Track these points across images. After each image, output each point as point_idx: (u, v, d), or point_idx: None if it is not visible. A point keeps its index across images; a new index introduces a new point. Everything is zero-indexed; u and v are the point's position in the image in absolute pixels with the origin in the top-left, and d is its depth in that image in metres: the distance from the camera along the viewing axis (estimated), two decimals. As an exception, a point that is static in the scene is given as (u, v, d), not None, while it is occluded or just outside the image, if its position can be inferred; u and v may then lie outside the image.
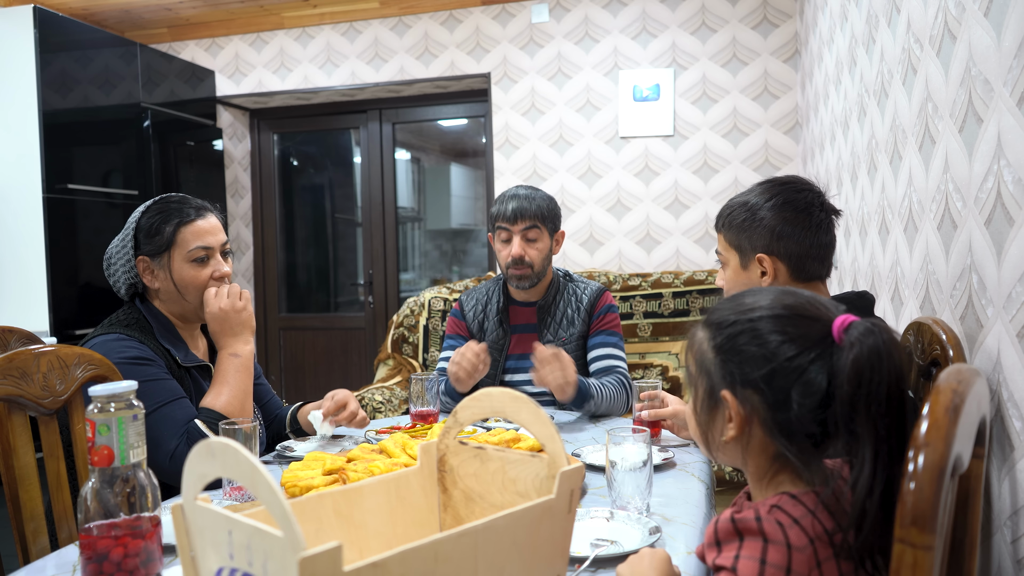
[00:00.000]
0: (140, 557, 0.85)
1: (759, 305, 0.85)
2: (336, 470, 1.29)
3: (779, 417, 0.81)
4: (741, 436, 0.84)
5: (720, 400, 0.85)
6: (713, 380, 0.86)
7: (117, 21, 4.21)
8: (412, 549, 0.66)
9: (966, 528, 0.91)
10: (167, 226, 1.62)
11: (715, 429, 0.87)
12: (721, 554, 0.80)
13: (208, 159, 4.40)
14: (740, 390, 0.83)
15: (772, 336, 0.82)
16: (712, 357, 0.86)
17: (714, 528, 0.82)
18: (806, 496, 0.80)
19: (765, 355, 0.81)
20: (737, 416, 0.84)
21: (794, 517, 0.78)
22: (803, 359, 0.80)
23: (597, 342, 2.12)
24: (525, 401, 0.87)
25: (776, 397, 0.81)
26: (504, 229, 2.10)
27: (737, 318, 0.85)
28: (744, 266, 1.44)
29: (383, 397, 3.02)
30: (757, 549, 0.77)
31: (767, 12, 3.64)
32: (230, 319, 1.62)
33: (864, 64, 2.07)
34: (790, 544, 0.76)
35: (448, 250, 4.94)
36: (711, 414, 0.87)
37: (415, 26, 4.09)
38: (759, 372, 0.81)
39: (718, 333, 0.86)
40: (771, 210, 1.40)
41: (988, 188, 1.14)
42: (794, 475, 0.83)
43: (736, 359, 0.83)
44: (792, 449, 0.81)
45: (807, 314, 0.83)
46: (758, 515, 0.78)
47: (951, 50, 1.31)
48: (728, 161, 3.71)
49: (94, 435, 0.83)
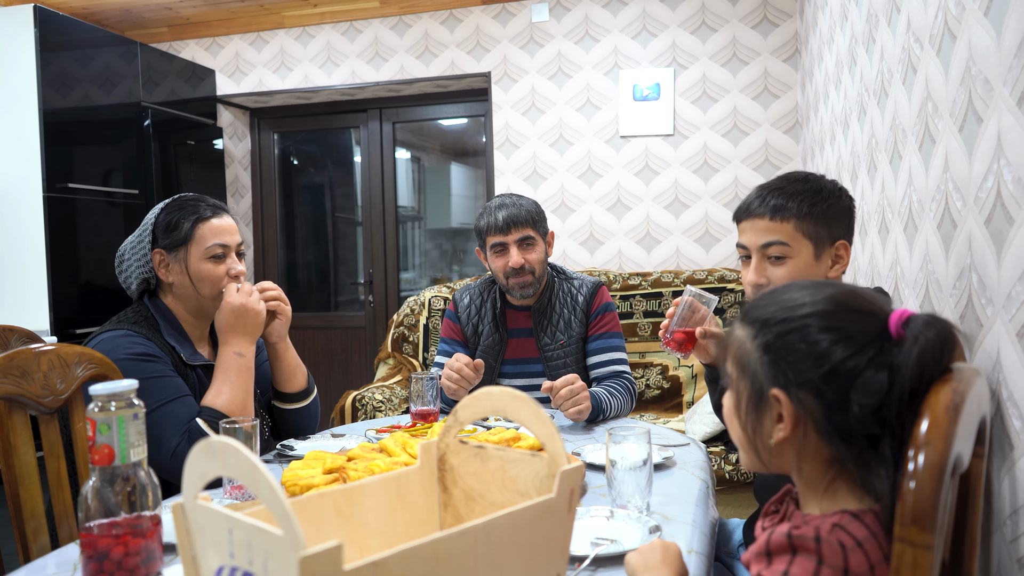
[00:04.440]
0: (141, 556, 0.85)
1: (805, 301, 0.80)
2: (336, 469, 1.29)
3: (836, 419, 0.77)
4: (792, 438, 0.80)
5: (768, 400, 0.80)
6: (760, 378, 0.81)
7: (117, 20, 4.21)
8: (412, 548, 0.66)
9: (966, 527, 0.91)
10: (185, 222, 1.64)
11: (763, 431, 0.82)
12: (770, 567, 0.76)
13: (208, 158, 4.40)
14: (794, 391, 0.78)
15: (824, 335, 0.78)
16: (758, 356, 0.81)
17: (767, 540, 0.77)
18: (867, 516, 0.76)
19: (819, 354, 0.77)
20: (790, 417, 0.79)
21: (858, 540, 0.74)
22: (860, 358, 0.76)
23: (597, 346, 2.10)
24: (525, 400, 0.87)
25: (835, 398, 0.76)
26: (498, 242, 2.05)
27: (786, 315, 0.80)
28: (818, 256, 1.35)
29: (383, 396, 3.02)
30: (809, 569, 0.73)
31: (767, 11, 3.64)
32: (246, 316, 1.62)
33: (864, 63, 2.07)
34: (848, 570, 0.72)
35: (448, 249, 4.94)
36: (758, 415, 0.82)
37: (415, 25, 4.09)
38: (815, 373, 0.77)
39: (764, 331, 0.81)
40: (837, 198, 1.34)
41: (988, 187, 1.14)
42: (851, 483, 0.79)
43: (788, 358, 0.79)
44: (850, 452, 0.77)
45: (860, 308, 0.79)
46: (818, 535, 0.74)
47: (951, 49, 1.31)
48: (728, 160, 3.71)
49: (95, 434, 0.83)
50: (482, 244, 2.12)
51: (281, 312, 1.74)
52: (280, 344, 1.76)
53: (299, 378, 1.80)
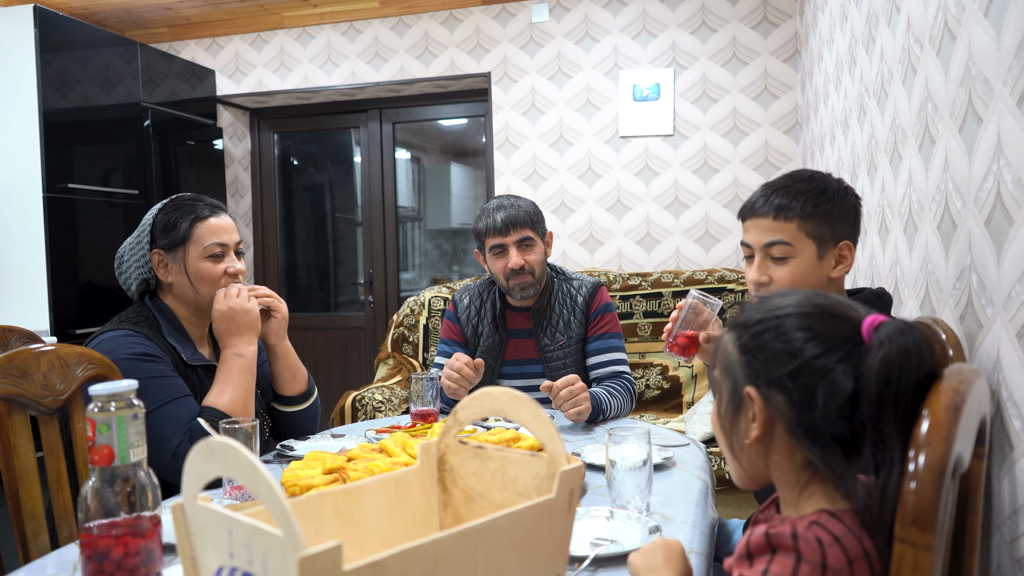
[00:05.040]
0: (140, 556, 0.85)
1: (787, 304, 0.83)
2: (336, 469, 1.29)
3: (804, 418, 0.78)
4: (764, 437, 0.82)
5: (743, 400, 0.83)
6: (737, 379, 0.84)
7: (117, 20, 4.21)
8: (412, 548, 0.66)
9: (966, 528, 0.91)
10: (183, 222, 1.64)
11: (739, 431, 0.85)
12: (751, 567, 0.77)
13: (208, 158, 4.40)
14: (764, 388, 0.81)
15: (798, 333, 0.80)
16: (737, 357, 0.84)
17: (746, 542, 0.78)
18: (845, 514, 0.77)
19: (790, 352, 0.79)
20: (760, 413, 0.81)
21: (835, 535, 0.75)
22: (829, 358, 0.78)
23: (597, 347, 2.10)
24: (525, 400, 0.87)
25: (801, 396, 0.78)
26: (497, 243, 2.05)
27: (763, 316, 0.83)
28: (821, 256, 1.34)
29: (383, 396, 3.02)
30: (788, 567, 0.74)
31: (767, 12, 3.64)
32: (236, 318, 1.62)
33: (864, 64, 2.07)
34: (826, 565, 0.73)
35: (448, 249, 4.94)
36: (735, 415, 0.85)
37: (415, 26, 4.09)
38: (784, 369, 0.79)
39: (743, 332, 0.84)
40: (843, 199, 1.33)
41: (988, 188, 1.14)
42: (826, 486, 0.80)
43: (761, 356, 0.81)
44: (818, 454, 0.78)
45: (836, 313, 0.81)
46: (795, 532, 0.75)
47: (951, 50, 1.31)
48: (728, 161, 3.71)
49: (94, 434, 0.83)
50: (481, 246, 2.11)
51: (276, 309, 1.74)
52: (280, 345, 1.76)
53: (300, 381, 1.80)
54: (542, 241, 2.10)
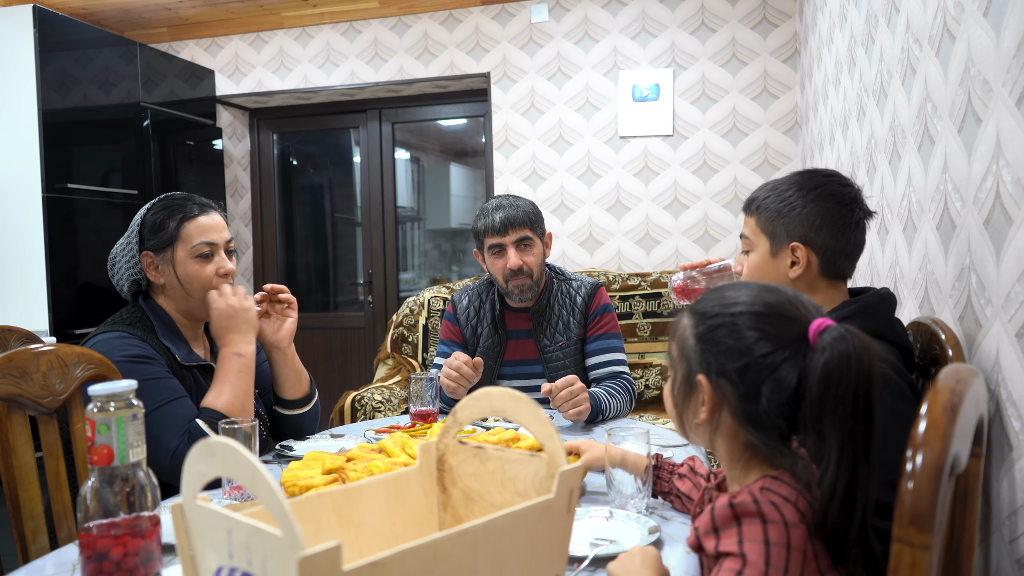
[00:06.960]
0: (140, 556, 0.85)
1: (740, 300, 0.88)
2: (335, 469, 1.29)
3: (748, 408, 0.85)
4: (711, 420, 0.88)
5: (696, 384, 0.89)
6: (691, 365, 0.90)
7: (117, 21, 4.21)
8: (411, 548, 0.66)
9: (964, 528, 0.91)
10: (171, 221, 1.62)
11: (689, 411, 0.91)
12: (722, 541, 0.81)
13: (208, 159, 4.40)
14: (715, 378, 0.87)
15: (749, 332, 0.85)
16: (693, 344, 0.90)
17: (710, 516, 0.83)
18: (783, 475, 0.84)
19: (741, 349, 0.85)
20: (709, 400, 0.87)
21: (783, 495, 0.81)
22: (776, 357, 0.83)
23: (596, 347, 2.10)
24: (524, 401, 0.87)
25: (747, 389, 0.84)
26: (496, 243, 2.05)
27: (719, 310, 0.88)
28: (774, 254, 1.37)
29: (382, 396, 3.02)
30: (758, 531, 0.79)
31: (766, 12, 3.64)
32: (237, 317, 1.61)
33: (863, 64, 2.07)
34: (787, 522, 0.79)
35: (448, 250, 4.94)
36: (687, 397, 0.91)
37: (415, 26, 4.09)
38: (734, 365, 0.85)
39: (701, 322, 0.90)
40: (814, 200, 1.33)
41: (987, 188, 1.14)
42: (764, 462, 0.87)
43: (714, 349, 0.87)
44: (759, 437, 0.85)
45: (786, 314, 0.86)
46: (755, 497, 0.81)
47: (950, 50, 1.31)
48: (727, 161, 3.71)
49: (93, 434, 0.83)
50: (480, 246, 2.11)
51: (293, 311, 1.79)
52: (289, 349, 1.77)
53: (303, 384, 1.80)
54: (541, 241, 2.10)
